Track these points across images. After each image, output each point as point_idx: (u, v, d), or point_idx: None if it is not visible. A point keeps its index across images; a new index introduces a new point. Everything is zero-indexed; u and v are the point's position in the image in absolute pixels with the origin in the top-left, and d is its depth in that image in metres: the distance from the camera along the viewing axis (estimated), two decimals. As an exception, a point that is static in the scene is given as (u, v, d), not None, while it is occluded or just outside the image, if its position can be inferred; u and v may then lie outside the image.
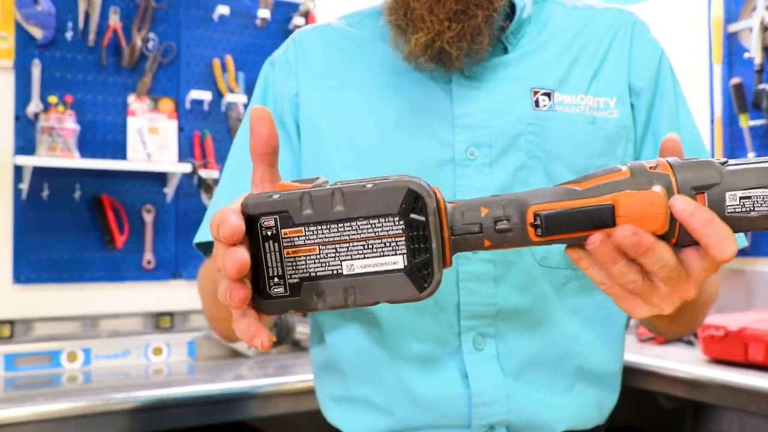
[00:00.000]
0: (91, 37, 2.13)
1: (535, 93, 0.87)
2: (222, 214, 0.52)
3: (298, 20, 2.40)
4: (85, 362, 2.06)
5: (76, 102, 2.10)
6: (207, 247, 0.96)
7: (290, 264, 0.54)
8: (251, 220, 0.54)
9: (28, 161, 1.97)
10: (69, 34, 2.11)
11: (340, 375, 0.91)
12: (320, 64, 0.94)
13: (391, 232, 0.54)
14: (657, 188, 0.53)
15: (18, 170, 2.04)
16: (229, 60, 2.31)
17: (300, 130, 0.93)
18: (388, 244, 0.54)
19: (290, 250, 0.54)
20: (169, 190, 2.22)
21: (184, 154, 2.25)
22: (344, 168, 0.89)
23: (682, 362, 2.03)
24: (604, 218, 0.54)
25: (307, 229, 0.54)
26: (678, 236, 0.55)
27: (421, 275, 0.54)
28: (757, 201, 0.54)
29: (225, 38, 2.33)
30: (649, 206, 0.53)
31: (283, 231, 0.54)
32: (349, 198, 0.53)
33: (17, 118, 2.05)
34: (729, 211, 0.54)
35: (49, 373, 1.99)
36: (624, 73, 0.90)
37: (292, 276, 0.55)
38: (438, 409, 0.84)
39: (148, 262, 2.22)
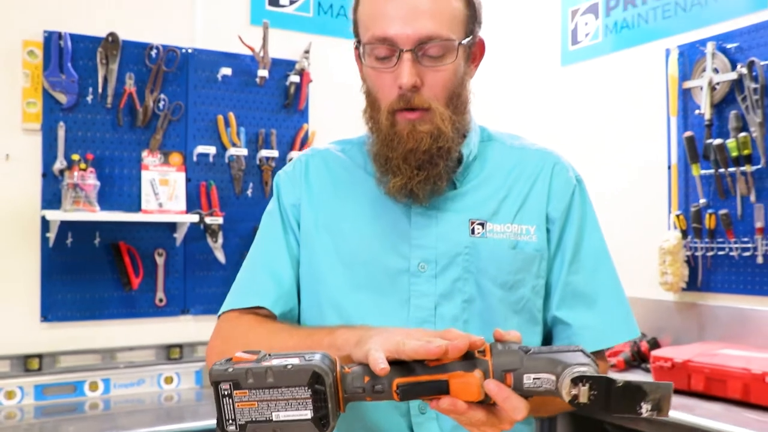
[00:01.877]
0: (109, 100, 2.35)
1: (472, 223, 1.13)
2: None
3: (294, 78, 2.61)
4: (105, 391, 2.29)
5: (96, 158, 2.31)
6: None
7: (239, 412, 0.83)
8: (216, 383, 0.83)
9: (55, 216, 2.18)
10: (90, 98, 2.33)
11: None
12: (318, 184, 1.21)
13: (303, 396, 0.83)
14: (477, 374, 0.83)
15: (45, 221, 2.24)
16: (232, 116, 2.52)
17: (300, 234, 1.19)
18: (301, 403, 0.83)
19: (239, 403, 0.83)
20: (179, 236, 2.44)
21: (192, 202, 2.46)
22: (330, 269, 1.15)
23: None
24: (442, 389, 0.84)
25: (250, 391, 0.83)
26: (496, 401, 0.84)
27: (321, 423, 0.83)
28: (544, 381, 0.82)
29: (228, 96, 2.54)
30: (469, 386, 0.83)
31: (235, 392, 0.83)
32: (276, 374, 0.82)
33: (44, 175, 2.27)
34: (526, 386, 0.83)
35: (73, 401, 2.22)
36: (543, 206, 1.16)
37: (240, 420, 0.84)
38: None
39: (160, 300, 2.44)
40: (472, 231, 1.12)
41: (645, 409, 0.78)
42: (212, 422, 1.97)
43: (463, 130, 1.16)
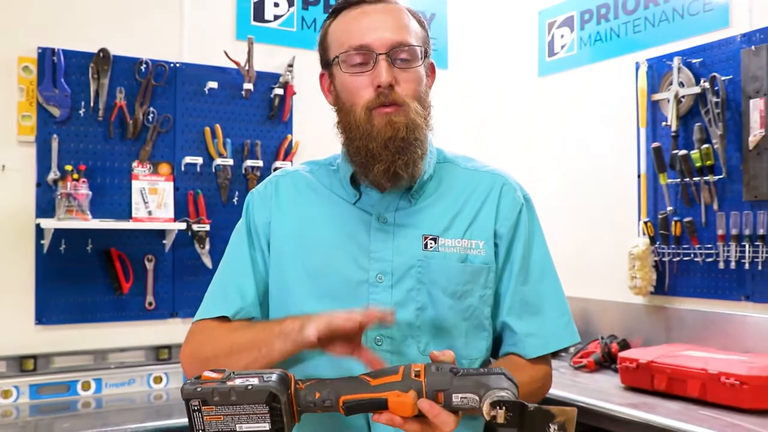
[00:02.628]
0: (101, 113, 2.45)
1: (425, 238, 1.24)
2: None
3: (278, 90, 2.72)
4: (97, 390, 2.40)
5: (88, 169, 2.42)
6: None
7: (208, 424, 0.97)
8: (186, 400, 0.96)
9: (49, 224, 2.28)
10: (82, 111, 2.43)
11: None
12: (287, 202, 1.33)
13: (262, 411, 0.96)
14: (412, 394, 0.96)
15: (40, 229, 2.34)
16: (218, 128, 2.62)
17: (270, 248, 1.31)
18: (261, 417, 0.96)
19: (207, 417, 0.96)
20: (168, 242, 2.55)
21: (180, 210, 2.57)
22: (297, 279, 1.27)
23: (603, 390, 2.40)
24: (381, 406, 0.97)
25: (216, 407, 0.96)
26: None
27: None
28: (470, 400, 0.95)
29: (214, 108, 2.64)
30: (404, 404, 0.96)
31: (203, 407, 0.96)
32: (238, 393, 0.96)
33: (39, 185, 2.37)
34: (454, 404, 0.96)
35: (67, 400, 2.33)
36: (491, 223, 1.27)
37: (208, 430, 0.97)
38: None
39: (150, 304, 2.54)
40: (425, 245, 1.24)
41: (553, 429, 0.91)
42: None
43: (427, 131, 1.27)
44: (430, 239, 1.24)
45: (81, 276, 2.45)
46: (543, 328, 1.28)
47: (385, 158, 1.19)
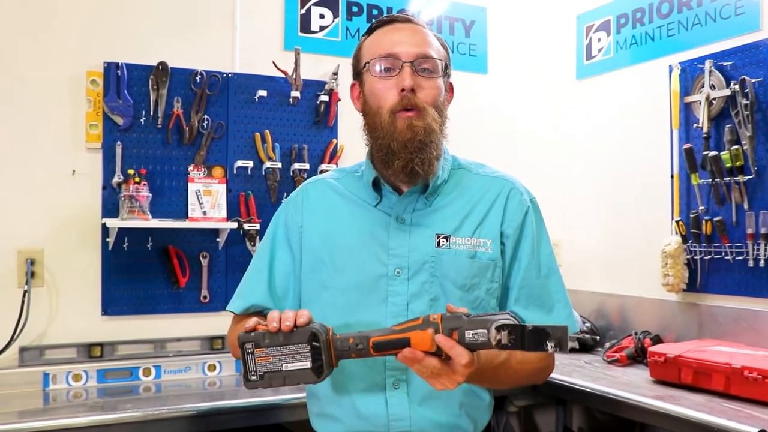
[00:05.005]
0: (160, 121, 2.64)
1: (438, 236, 1.39)
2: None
3: (323, 97, 2.87)
4: (157, 376, 2.58)
5: (149, 173, 2.61)
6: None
7: (259, 366, 1.14)
8: (242, 344, 1.12)
9: (113, 223, 2.48)
10: (143, 120, 2.62)
11: (318, 400, 1.46)
12: (316, 207, 1.50)
13: (304, 350, 1.13)
14: (430, 330, 1.11)
15: (105, 228, 2.55)
16: (268, 133, 2.80)
17: (302, 249, 1.47)
18: (303, 356, 1.13)
19: (258, 358, 1.14)
20: (221, 240, 2.73)
21: (233, 210, 2.75)
22: (327, 274, 1.43)
23: (632, 383, 2.48)
24: (405, 344, 1.12)
25: (266, 349, 1.13)
26: (445, 353, 1.11)
27: (318, 371, 1.14)
28: (480, 335, 1.09)
29: (264, 115, 2.81)
30: (424, 339, 1.11)
31: (255, 350, 1.14)
32: (285, 335, 1.13)
33: (104, 188, 2.58)
34: (467, 339, 1.10)
35: (130, 384, 2.51)
36: (498, 224, 1.41)
37: (259, 371, 1.14)
38: (371, 421, 1.37)
39: (204, 297, 2.72)
40: (438, 243, 1.38)
41: (550, 346, 1.06)
42: (249, 401, 2.24)
43: (442, 137, 1.41)
44: (443, 238, 1.39)
45: (142, 271, 2.64)
46: (548, 318, 1.41)
47: (404, 156, 1.34)
